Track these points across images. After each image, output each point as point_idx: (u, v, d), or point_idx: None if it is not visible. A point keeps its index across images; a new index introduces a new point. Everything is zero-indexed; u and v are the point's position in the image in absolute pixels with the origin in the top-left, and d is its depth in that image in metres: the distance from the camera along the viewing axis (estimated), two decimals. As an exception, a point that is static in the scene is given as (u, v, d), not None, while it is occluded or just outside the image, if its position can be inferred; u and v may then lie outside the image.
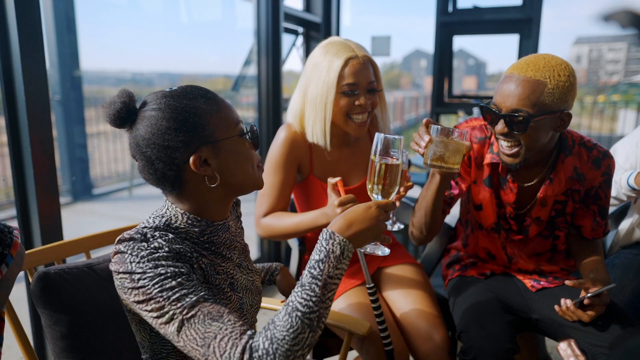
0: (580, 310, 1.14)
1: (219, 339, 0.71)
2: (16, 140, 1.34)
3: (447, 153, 1.05)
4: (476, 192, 1.32)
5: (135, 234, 0.80)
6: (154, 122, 0.80)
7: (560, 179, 1.23)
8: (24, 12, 1.27)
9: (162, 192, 0.88)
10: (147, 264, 0.76)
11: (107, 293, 1.10)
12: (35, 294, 1.02)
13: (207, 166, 0.82)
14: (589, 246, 1.34)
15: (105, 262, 1.15)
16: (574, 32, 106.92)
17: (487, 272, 1.37)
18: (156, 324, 0.75)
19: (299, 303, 0.73)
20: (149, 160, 0.81)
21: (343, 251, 0.77)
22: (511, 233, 1.33)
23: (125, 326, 1.10)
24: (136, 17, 15.15)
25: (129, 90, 0.84)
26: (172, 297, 0.74)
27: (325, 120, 1.29)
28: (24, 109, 1.30)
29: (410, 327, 1.30)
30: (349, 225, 0.80)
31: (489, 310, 1.20)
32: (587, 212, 1.31)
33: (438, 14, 2.90)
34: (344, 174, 1.42)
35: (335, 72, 1.25)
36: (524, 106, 1.08)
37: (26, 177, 1.37)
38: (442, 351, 1.25)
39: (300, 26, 3.00)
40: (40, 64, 1.32)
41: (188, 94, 0.83)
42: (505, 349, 1.10)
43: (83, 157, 5.07)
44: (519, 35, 2.85)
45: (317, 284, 0.74)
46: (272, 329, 0.72)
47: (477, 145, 1.30)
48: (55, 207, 1.42)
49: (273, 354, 0.70)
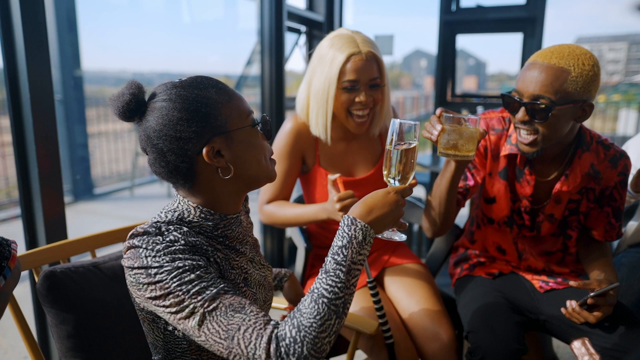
0: (585, 312, 1.13)
1: (243, 331, 0.70)
2: (21, 139, 1.33)
3: (461, 141, 1.04)
4: (490, 185, 1.31)
5: (149, 228, 0.78)
6: (165, 113, 0.78)
7: (576, 175, 1.22)
8: (29, 11, 1.26)
9: (173, 186, 0.86)
10: (163, 257, 0.75)
11: (114, 292, 1.09)
12: (42, 293, 1.01)
13: (220, 157, 0.81)
14: (598, 248, 1.33)
15: (112, 260, 1.15)
16: (574, 32, 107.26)
17: (495, 272, 1.36)
18: (174, 320, 0.74)
19: (325, 289, 0.73)
20: (161, 152, 0.79)
21: (365, 237, 0.77)
22: (524, 229, 1.32)
23: (132, 326, 1.10)
24: (136, 17, 15.18)
25: (137, 82, 0.81)
26: (191, 290, 0.72)
27: (327, 114, 1.30)
28: (29, 108, 1.29)
29: (417, 327, 1.29)
30: (370, 211, 0.80)
31: (497, 310, 1.19)
32: (601, 213, 1.30)
33: (441, 12, 2.89)
34: (351, 166, 1.42)
35: (337, 67, 1.25)
36: (546, 93, 1.07)
37: (30, 176, 1.36)
38: (450, 350, 1.24)
39: (303, 25, 3.00)
40: (44, 63, 1.31)
41: (199, 84, 0.81)
42: (514, 350, 1.10)
43: (84, 157, 5.06)
44: (522, 34, 2.85)
45: (341, 270, 0.74)
46: (299, 316, 0.71)
47: (494, 137, 1.29)
48: (59, 206, 1.41)
49: (301, 341, 0.69)
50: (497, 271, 1.37)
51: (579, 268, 1.38)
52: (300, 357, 0.68)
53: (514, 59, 9.24)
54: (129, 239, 0.79)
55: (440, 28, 2.93)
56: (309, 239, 1.44)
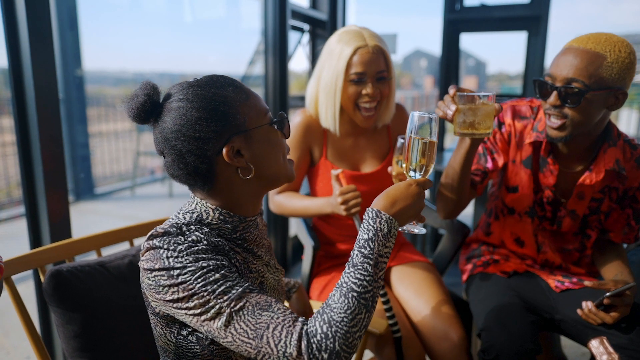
0: (602, 312, 1.11)
1: (272, 329, 0.68)
2: (25, 138, 1.32)
3: (477, 119, 1.02)
4: (514, 173, 1.29)
5: (169, 228, 0.77)
6: (183, 113, 0.76)
7: (600, 169, 1.21)
8: (34, 9, 1.25)
9: (190, 188, 0.84)
10: (186, 257, 0.73)
11: (120, 291, 1.08)
12: (48, 292, 1.00)
13: (240, 157, 0.79)
14: (614, 250, 1.32)
15: (117, 260, 1.14)
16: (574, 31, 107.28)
17: (510, 271, 1.34)
18: (197, 322, 0.72)
19: (354, 283, 0.71)
20: (179, 154, 0.77)
21: (390, 229, 0.76)
22: (544, 221, 1.30)
23: (139, 325, 1.08)
24: (137, 16, 15.15)
25: (152, 82, 0.79)
26: (217, 290, 0.71)
27: (335, 106, 1.33)
28: (34, 107, 1.28)
29: (426, 327, 1.28)
30: (393, 203, 0.79)
31: (512, 309, 1.18)
32: (621, 215, 1.29)
33: (445, 11, 2.87)
34: (357, 161, 1.44)
35: (344, 60, 1.28)
36: (580, 76, 1.06)
37: (35, 175, 1.34)
38: (460, 350, 1.23)
39: (306, 23, 2.99)
40: (49, 62, 1.30)
41: (215, 82, 0.80)
42: (528, 350, 1.08)
43: (85, 157, 5.05)
44: (527, 33, 2.83)
45: (369, 263, 0.73)
46: (328, 311, 0.70)
47: (520, 124, 1.28)
48: (64, 205, 1.40)
49: (332, 337, 0.67)
50: (512, 270, 1.35)
51: (594, 271, 1.37)
52: (332, 353, 0.67)
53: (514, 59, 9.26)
54: (148, 240, 0.77)
55: (444, 27, 2.91)
56: (316, 237, 1.43)
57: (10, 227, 4.20)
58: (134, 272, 1.13)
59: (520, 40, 2.93)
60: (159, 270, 0.74)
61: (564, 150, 1.23)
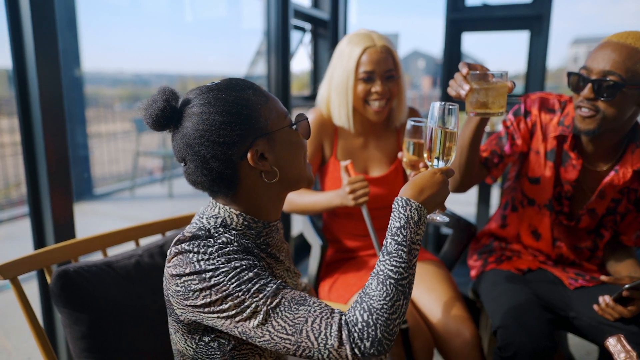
0: (620, 306, 1.11)
1: (311, 322, 0.68)
2: (29, 138, 1.31)
3: (490, 98, 1.01)
4: (537, 164, 1.29)
5: (197, 232, 0.76)
6: (206, 118, 0.74)
7: (627, 169, 1.21)
8: (39, 10, 1.24)
9: (212, 194, 0.82)
10: (218, 259, 0.72)
11: (127, 291, 1.07)
12: (55, 293, 0.99)
13: (264, 160, 0.78)
14: (625, 251, 1.33)
15: (124, 259, 1.12)
16: (572, 32, 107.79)
17: (524, 268, 1.34)
18: (230, 324, 0.71)
19: (390, 270, 0.72)
20: (203, 160, 0.75)
21: (420, 216, 0.77)
22: (561, 215, 1.30)
23: (147, 325, 1.07)
24: (136, 17, 15.13)
25: (170, 87, 0.78)
26: (252, 289, 0.70)
27: (348, 104, 1.37)
28: (38, 107, 1.27)
29: (439, 324, 1.28)
30: (421, 191, 0.79)
31: (529, 307, 1.17)
32: (636, 218, 1.29)
33: (447, 11, 2.87)
34: (366, 161, 1.47)
35: (354, 60, 1.33)
36: (617, 70, 1.06)
37: (39, 175, 1.33)
38: (473, 347, 1.23)
39: (308, 23, 2.98)
40: (54, 61, 1.29)
41: (235, 86, 0.78)
42: (546, 347, 1.08)
43: (85, 157, 5.03)
44: (529, 32, 2.83)
45: (403, 250, 0.73)
46: (367, 300, 0.70)
47: (547, 116, 1.28)
48: (68, 206, 1.39)
49: (374, 324, 0.67)
50: (527, 267, 1.35)
51: (605, 271, 1.37)
52: (374, 341, 0.67)
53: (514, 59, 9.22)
54: (176, 245, 0.76)
55: (446, 26, 2.91)
56: (324, 237, 1.42)
57: (9, 228, 4.17)
58: (141, 272, 1.12)
59: (519, 40, 2.92)
60: (189, 274, 0.72)
61: (588, 147, 1.23)
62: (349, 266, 1.47)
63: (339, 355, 0.67)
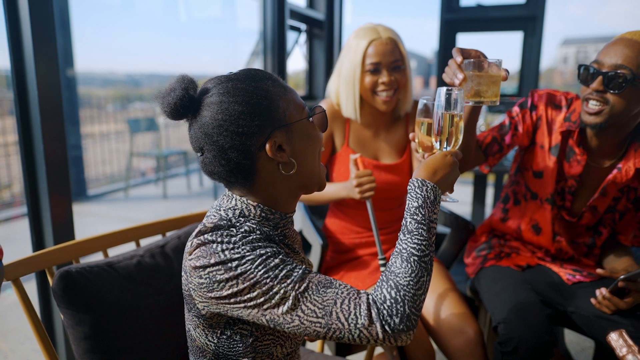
0: (616, 297, 1.14)
1: (340, 304, 0.69)
2: (28, 139, 1.30)
3: (484, 87, 1.01)
4: (541, 158, 1.31)
5: (218, 222, 0.75)
6: (225, 107, 0.74)
7: (630, 168, 1.23)
8: (37, 10, 1.24)
9: (228, 185, 0.81)
10: (243, 247, 0.72)
11: (130, 292, 1.07)
12: (57, 294, 0.98)
13: (282, 152, 0.78)
14: (622, 249, 1.35)
15: (126, 260, 1.12)
16: (560, 33, 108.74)
17: (524, 265, 1.36)
18: (257, 312, 0.71)
19: (413, 248, 0.73)
20: (222, 150, 0.75)
21: (435, 196, 0.79)
22: (563, 210, 1.32)
23: (150, 326, 1.07)
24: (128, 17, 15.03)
25: (189, 76, 0.77)
26: (279, 275, 0.70)
27: (355, 96, 1.41)
28: (37, 107, 1.26)
29: (441, 323, 1.29)
30: (434, 172, 0.82)
31: (529, 302, 1.19)
32: (634, 218, 1.32)
33: (442, 11, 2.89)
34: (376, 151, 1.51)
35: (360, 52, 1.36)
36: (629, 64, 1.08)
37: (38, 176, 1.33)
38: (477, 344, 1.24)
39: (303, 23, 2.99)
40: (53, 61, 1.29)
41: (254, 76, 0.78)
42: (547, 342, 1.10)
43: (78, 158, 4.99)
44: (523, 33, 2.86)
45: (423, 228, 0.75)
46: (393, 277, 0.71)
47: (553, 112, 1.30)
48: (67, 207, 1.38)
49: (402, 300, 0.69)
50: (525, 263, 1.36)
51: (602, 267, 1.39)
52: (403, 316, 0.68)
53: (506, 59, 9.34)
54: (197, 237, 0.75)
55: (440, 27, 2.93)
56: (324, 236, 1.43)
57: (2, 230, 4.13)
58: (143, 272, 1.12)
59: (513, 41, 2.95)
60: (213, 265, 0.72)
61: (593, 142, 1.25)
62: (349, 265, 1.48)
63: (370, 334, 0.68)
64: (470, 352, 1.23)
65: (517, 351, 1.10)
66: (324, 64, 3.07)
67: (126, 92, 11.15)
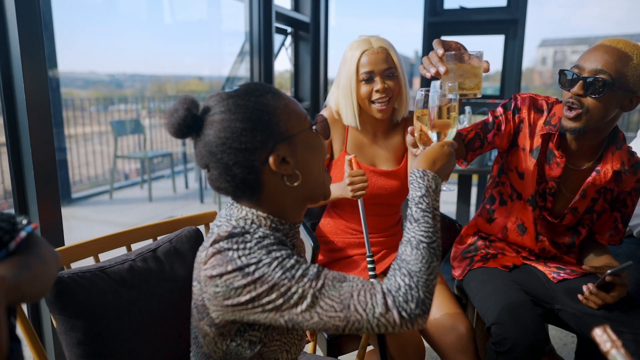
0: (602, 292, 1.18)
1: (356, 296, 0.71)
2: (16, 143, 1.29)
3: (466, 80, 1.02)
4: (523, 160, 1.35)
5: (232, 230, 0.76)
6: (227, 125, 0.75)
7: (608, 170, 1.27)
8: (24, 12, 1.23)
9: (235, 198, 0.83)
10: (258, 251, 0.73)
11: (122, 297, 1.07)
12: (50, 300, 0.98)
13: (286, 164, 0.79)
14: (600, 247, 1.40)
15: (117, 265, 1.12)
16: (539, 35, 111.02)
17: (510, 265, 1.40)
18: (275, 314, 0.72)
19: (421, 236, 0.76)
20: (226, 167, 0.77)
21: (436, 185, 0.83)
22: (544, 211, 1.36)
23: (143, 331, 1.07)
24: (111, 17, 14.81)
25: (191, 96, 0.79)
26: (296, 275, 0.72)
27: (353, 105, 1.46)
28: (25, 111, 1.26)
29: (433, 321, 1.32)
30: (434, 162, 0.86)
31: (520, 302, 1.22)
32: (610, 217, 1.37)
33: (426, 14, 2.94)
34: (374, 157, 1.55)
35: (354, 63, 1.41)
36: (608, 69, 1.13)
37: (26, 180, 1.31)
38: (469, 340, 1.28)
39: (289, 26, 3.00)
40: (40, 63, 1.28)
41: (254, 91, 0.79)
42: (540, 341, 1.13)
43: (63, 161, 4.91)
44: (504, 36, 2.92)
45: (428, 216, 0.79)
46: (404, 265, 0.74)
47: (535, 115, 1.34)
48: (56, 212, 1.38)
49: (415, 286, 0.72)
50: (512, 264, 1.40)
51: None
52: (418, 301, 0.71)
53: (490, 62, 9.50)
54: (213, 245, 0.76)
55: (424, 30, 2.98)
56: (315, 238, 1.45)
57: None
58: (135, 277, 1.12)
59: (495, 42, 3.02)
60: (230, 272, 0.73)
61: (572, 145, 1.30)
62: (341, 267, 1.51)
63: (388, 322, 0.70)
64: (462, 349, 1.27)
65: (512, 351, 1.13)
66: (309, 66, 3.08)
67: (108, 92, 10.98)
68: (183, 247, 1.20)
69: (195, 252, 1.01)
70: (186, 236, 1.22)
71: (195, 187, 5.69)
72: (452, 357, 1.30)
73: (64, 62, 10.79)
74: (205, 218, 1.32)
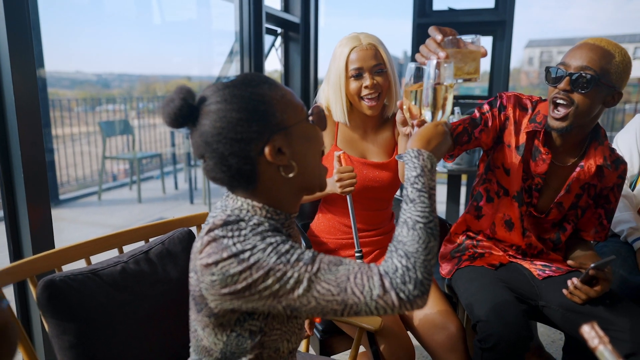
0: (586, 286, 1.21)
1: (353, 279, 0.71)
2: (4, 144, 1.28)
3: (466, 66, 1.03)
4: (509, 156, 1.37)
5: (227, 218, 0.76)
6: (223, 115, 0.75)
7: (591, 165, 1.30)
8: (12, 11, 1.22)
9: (231, 189, 0.82)
10: (253, 238, 0.73)
11: (115, 299, 1.07)
12: (42, 303, 0.98)
13: (282, 155, 0.79)
14: (584, 244, 1.44)
15: (109, 267, 1.12)
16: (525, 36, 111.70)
17: (497, 263, 1.42)
18: (272, 300, 0.72)
19: (418, 216, 0.76)
20: (222, 157, 0.76)
21: (432, 165, 0.82)
22: (531, 207, 1.38)
23: (136, 333, 1.07)
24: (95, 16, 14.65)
25: (187, 87, 0.78)
26: (291, 259, 0.71)
27: (342, 101, 1.47)
28: (14, 111, 1.24)
29: (423, 320, 1.34)
30: (429, 141, 0.85)
31: (505, 299, 1.24)
32: (594, 214, 1.40)
33: (415, 15, 2.96)
34: (364, 151, 1.56)
35: (343, 59, 1.43)
36: (593, 66, 1.16)
37: (15, 182, 1.30)
38: (459, 339, 1.29)
39: (279, 27, 3.00)
40: (29, 63, 1.27)
41: (251, 81, 0.79)
42: (523, 337, 1.15)
43: (51, 162, 4.85)
44: (492, 37, 2.96)
45: (424, 196, 0.78)
46: (401, 247, 0.74)
47: (520, 113, 1.36)
48: (46, 214, 1.37)
49: (413, 267, 0.71)
50: (498, 262, 1.43)
51: None
52: (416, 282, 0.71)
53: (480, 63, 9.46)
54: (208, 233, 0.76)
55: (413, 30, 3.00)
56: (307, 239, 1.46)
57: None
58: (127, 279, 1.11)
59: (483, 44, 3.03)
60: (227, 259, 0.72)
61: (557, 142, 1.33)
62: None
63: (386, 303, 0.70)
64: (452, 347, 1.28)
65: (496, 347, 1.15)
66: (300, 67, 3.09)
67: (96, 92, 10.86)
68: (175, 249, 1.20)
69: (188, 253, 1.01)
70: (178, 238, 1.22)
71: (185, 188, 5.66)
72: (443, 356, 1.31)
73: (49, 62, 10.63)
74: (197, 219, 1.32)
